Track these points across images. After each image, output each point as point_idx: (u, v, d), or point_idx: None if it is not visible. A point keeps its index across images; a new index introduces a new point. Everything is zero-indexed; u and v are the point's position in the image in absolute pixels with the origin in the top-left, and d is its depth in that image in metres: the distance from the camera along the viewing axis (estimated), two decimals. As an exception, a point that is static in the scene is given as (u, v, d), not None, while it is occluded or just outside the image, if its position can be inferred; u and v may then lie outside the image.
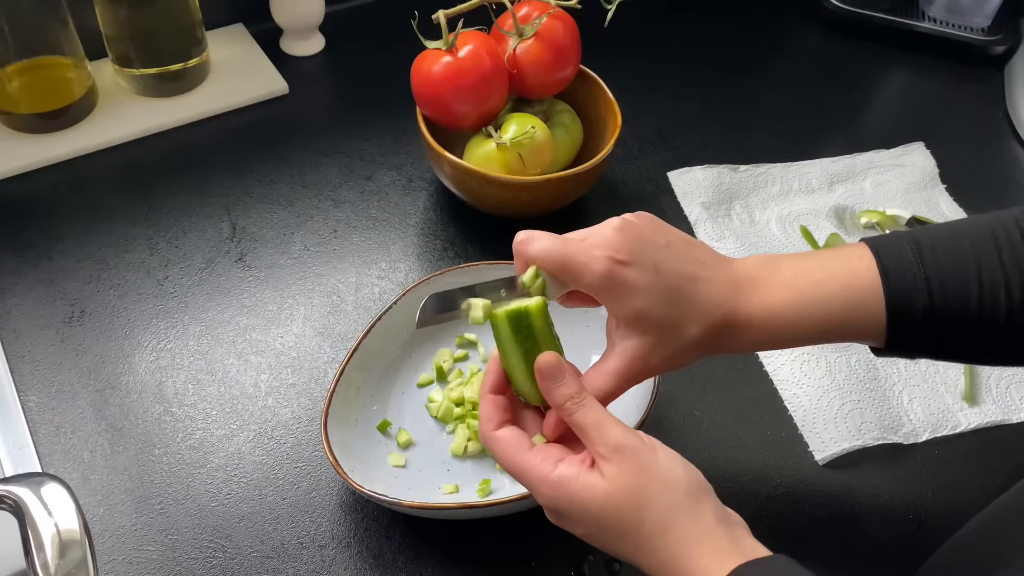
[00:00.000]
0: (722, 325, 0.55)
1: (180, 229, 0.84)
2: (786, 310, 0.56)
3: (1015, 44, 1.10)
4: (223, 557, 0.64)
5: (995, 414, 0.76)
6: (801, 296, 0.56)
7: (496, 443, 0.53)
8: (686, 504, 0.48)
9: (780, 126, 1.01)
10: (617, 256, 0.53)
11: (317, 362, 0.76)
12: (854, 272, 0.55)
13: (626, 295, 0.53)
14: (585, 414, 0.51)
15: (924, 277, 0.54)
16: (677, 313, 0.54)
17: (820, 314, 0.56)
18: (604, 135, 0.86)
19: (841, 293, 0.55)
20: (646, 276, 0.53)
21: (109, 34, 0.90)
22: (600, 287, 0.53)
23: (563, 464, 0.50)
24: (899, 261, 0.55)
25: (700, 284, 0.55)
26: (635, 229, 0.55)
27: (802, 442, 0.73)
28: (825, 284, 0.56)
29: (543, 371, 0.52)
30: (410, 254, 0.84)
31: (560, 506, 0.50)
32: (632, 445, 0.49)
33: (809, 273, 0.56)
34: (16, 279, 0.79)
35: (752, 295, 0.56)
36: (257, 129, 0.94)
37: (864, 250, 0.56)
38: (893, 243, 0.56)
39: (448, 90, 0.80)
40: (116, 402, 0.72)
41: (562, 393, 0.52)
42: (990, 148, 1.02)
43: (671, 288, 0.54)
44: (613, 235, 0.54)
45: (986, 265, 0.54)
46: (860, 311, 0.55)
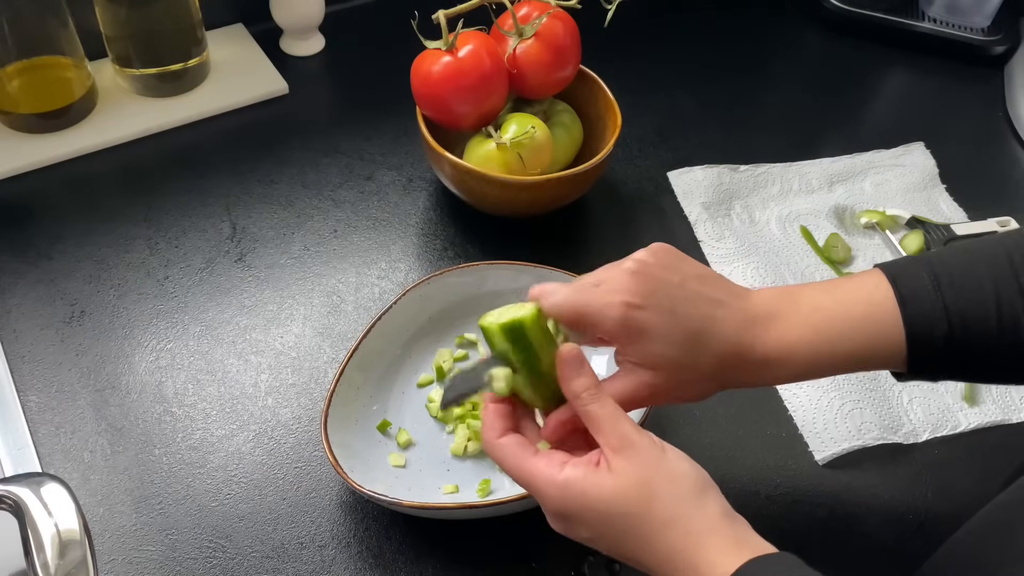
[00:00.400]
0: (737, 361, 0.56)
1: (180, 229, 0.84)
2: (803, 347, 0.56)
3: (1015, 44, 1.10)
4: (223, 557, 0.64)
5: (995, 414, 0.76)
6: (818, 333, 0.56)
7: (500, 450, 0.53)
8: (693, 498, 0.49)
9: (780, 126, 1.01)
10: (632, 301, 0.53)
11: (317, 362, 0.76)
12: (872, 303, 0.56)
13: (642, 339, 0.54)
14: (602, 405, 0.51)
15: (943, 306, 0.54)
16: (691, 353, 0.55)
17: (839, 350, 0.56)
18: (604, 135, 0.86)
19: (860, 327, 0.56)
20: (662, 319, 0.54)
21: (109, 34, 0.90)
22: (617, 333, 0.54)
23: (569, 466, 0.50)
24: (917, 290, 0.55)
25: (715, 324, 0.55)
26: (648, 271, 0.55)
27: (802, 442, 0.73)
28: (843, 318, 0.56)
29: (565, 359, 0.52)
30: (410, 254, 0.84)
31: (567, 507, 0.50)
32: (644, 442, 0.50)
33: (826, 308, 0.57)
34: (16, 279, 0.79)
35: (768, 331, 0.56)
36: (257, 129, 0.94)
37: (880, 279, 0.56)
38: (910, 271, 0.56)
39: (448, 90, 0.80)
40: (116, 402, 0.72)
41: (581, 383, 0.51)
42: (990, 148, 1.02)
43: (686, 330, 0.54)
44: (627, 279, 0.54)
45: (1004, 289, 0.54)
46: (879, 344, 0.55)
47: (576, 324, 0.55)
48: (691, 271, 0.57)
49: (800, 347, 0.56)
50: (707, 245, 0.86)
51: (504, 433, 0.53)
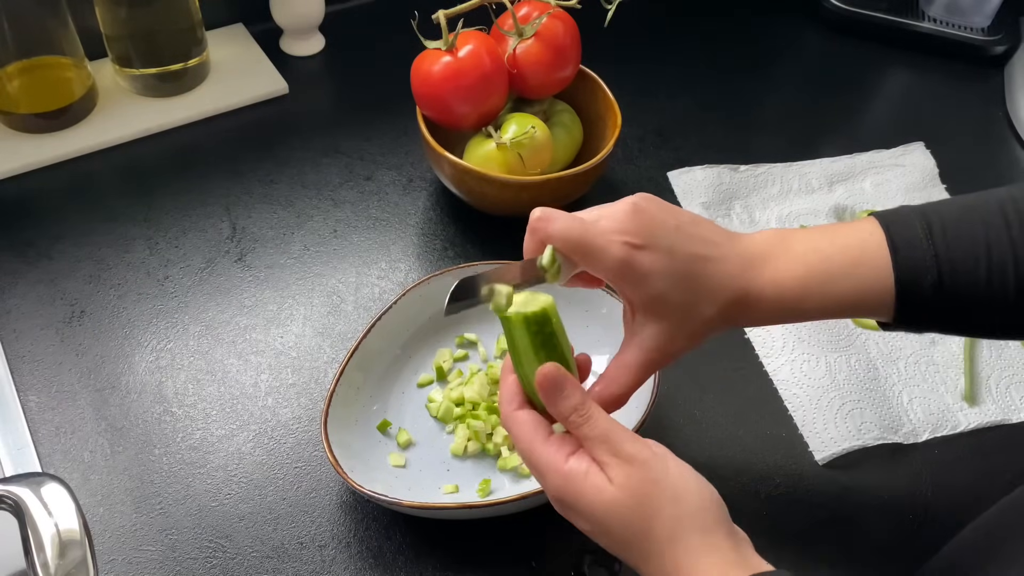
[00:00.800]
0: (735, 302, 0.56)
1: (180, 229, 0.84)
2: (796, 285, 0.56)
3: (1015, 44, 1.10)
4: (223, 557, 0.64)
5: (995, 414, 0.76)
6: (811, 271, 0.56)
7: (515, 424, 0.52)
8: (696, 516, 0.48)
9: (780, 126, 1.01)
10: (633, 241, 0.53)
11: (317, 362, 0.76)
12: (865, 248, 0.56)
13: (642, 280, 0.53)
14: (592, 426, 0.50)
15: (934, 254, 0.54)
16: (692, 295, 0.54)
17: (830, 289, 0.56)
18: (604, 135, 0.86)
19: (851, 269, 0.56)
20: (661, 260, 0.53)
21: (109, 34, 0.90)
22: (617, 272, 0.53)
23: (574, 458, 0.50)
24: (909, 238, 0.55)
25: (713, 264, 0.55)
26: (647, 212, 0.55)
27: (802, 442, 0.73)
28: (835, 259, 0.56)
29: (543, 385, 0.51)
30: (410, 254, 0.84)
31: (566, 499, 0.50)
32: (642, 457, 0.49)
33: (819, 249, 0.57)
34: (16, 279, 0.79)
35: (763, 271, 0.56)
36: (257, 129, 0.94)
37: (875, 226, 0.57)
38: (903, 219, 0.56)
39: (448, 90, 0.80)
40: (116, 402, 0.72)
41: (566, 405, 0.51)
42: (990, 148, 1.02)
43: (685, 271, 0.54)
44: (627, 218, 0.54)
45: (995, 241, 0.54)
46: (870, 287, 0.55)
47: (576, 256, 0.54)
48: (685, 216, 0.57)
49: (793, 286, 0.56)
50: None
51: (522, 406, 0.53)
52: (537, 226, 0.54)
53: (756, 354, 0.79)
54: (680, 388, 0.75)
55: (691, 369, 0.77)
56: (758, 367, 0.78)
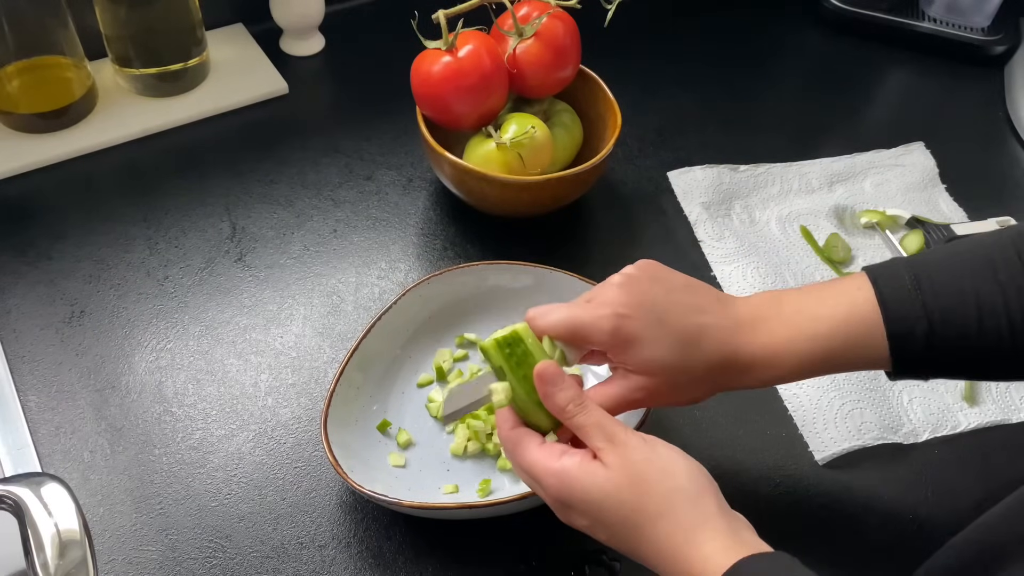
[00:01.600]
0: (726, 365, 0.57)
1: (180, 229, 0.84)
2: (788, 349, 0.57)
3: (1015, 44, 1.10)
4: (223, 557, 0.64)
5: (995, 414, 0.76)
6: (801, 333, 0.57)
7: (507, 441, 0.55)
8: (687, 490, 0.50)
9: (780, 126, 1.01)
10: (621, 311, 0.56)
11: (317, 362, 0.76)
12: (854, 304, 0.57)
13: (633, 346, 0.56)
14: (587, 415, 0.53)
15: (922, 303, 0.55)
16: (682, 358, 0.56)
17: (822, 348, 0.57)
18: (604, 135, 0.86)
19: (842, 327, 0.57)
20: (650, 327, 0.56)
21: (109, 34, 0.90)
22: (609, 343, 0.56)
23: (566, 456, 0.52)
24: (897, 291, 0.56)
25: (703, 330, 0.57)
26: (636, 283, 0.57)
27: (802, 442, 0.73)
28: (825, 319, 0.57)
29: (543, 377, 0.54)
30: (410, 254, 0.84)
31: (563, 496, 0.52)
32: (633, 441, 0.51)
33: (809, 310, 0.58)
34: (16, 279, 0.79)
35: (754, 336, 0.57)
36: (257, 129, 0.94)
37: (863, 280, 0.58)
38: (891, 272, 0.57)
39: (448, 90, 0.80)
40: (116, 402, 0.72)
41: (563, 396, 0.53)
42: (990, 148, 1.02)
43: (675, 337, 0.56)
44: (615, 292, 0.57)
45: (984, 289, 0.55)
46: (862, 341, 0.56)
47: (572, 339, 0.56)
48: (677, 281, 0.59)
49: (786, 348, 0.57)
50: (707, 245, 0.86)
51: (515, 426, 0.55)
52: (532, 325, 0.57)
53: (756, 354, 0.79)
54: (680, 388, 0.75)
55: (691, 369, 0.77)
56: (758, 367, 0.78)
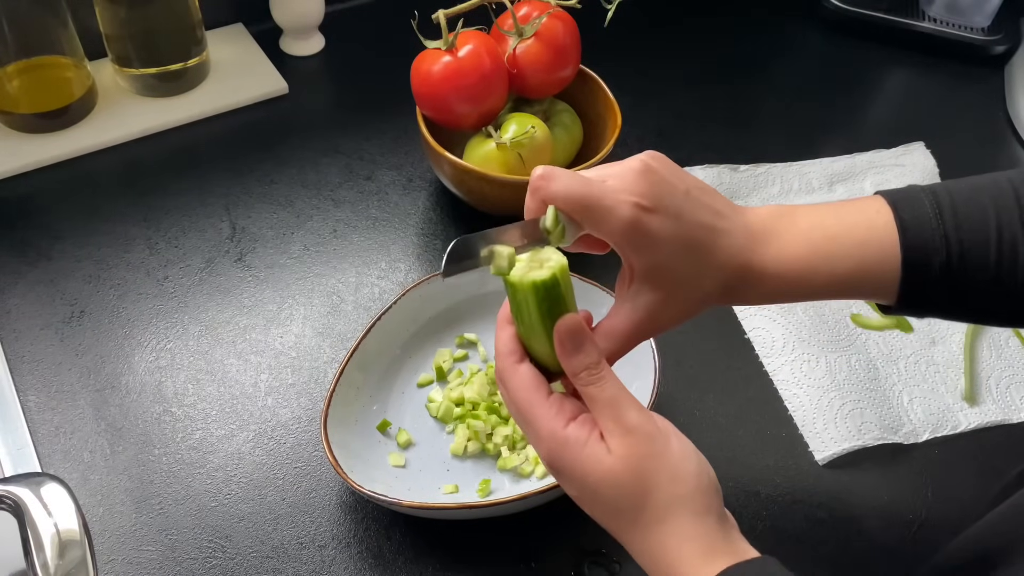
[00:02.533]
0: (736, 277, 0.54)
1: (180, 229, 0.84)
2: (800, 263, 0.54)
3: (1015, 44, 1.10)
4: (223, 557, 0.64)
5: (995, 414, 0.76)
6: (816, 249, 0.54)
7: (514, 379, 0.50)
8: (692, 499, 0.47)
9: (780, 126, 1.01)
10: (642, 202, 0.50)
11: (317, 362, 0.76)
12: (872, 227, 0.54)
13: (649, 245, 0.51)
14: (601, 388, 0.48)
15: (943, 234, 0.53)
16: (696, 266, 0.52)
17: (835, 268, 0.54)
18: (604, 135, 0.86)
19: (857, 249, 0.54)
20: (669, 225, 0.51)
21: (109, 34, 0.90)
22: (623, 234, 0.50)
23: (574, 424, 0.48)
24: (918, 217, 0.54)
25: (718, 236, 0.53)
26: (657, 173, 0.52)
27: (802, 442, 0.73)
28: (841, 238, 0.54)
29: (563, 334, 0.49)
30: (410, 254, 0.84)
31: (561, 465, 0.49)
32: (645, 430, 0.48)
33: (825, 227, 0.55)
34: (16, 279, 0.79)
35: (767, 247, 0.54)
36: (257, 129, 0.94)
37: (882, 204, 0.55)
38: (912, 197, 0.55)
39: (448, 90, 0.80)
40: (116, 402, 0.72)
41: (580, 362, 0.49)
42: (990, 148, 1.02)
43: (692, 239, 0.52)
44: (636, 179, 0.51)
45: (1006, 223, 0.53)
46: (876, 267, 0.54)
47: (582, 216, 0.51)
48: (692, 181, 0.54)
49: (797, 264, 0.54)
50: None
51: (522, 360, 0.51)
52: (539, 184, 0.51)
53: (756, 354, 0.79)
54: (680, 388, 0.75)
55: (691, 369, 0.77)
56: (758, 367, 0.78)
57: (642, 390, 0.67)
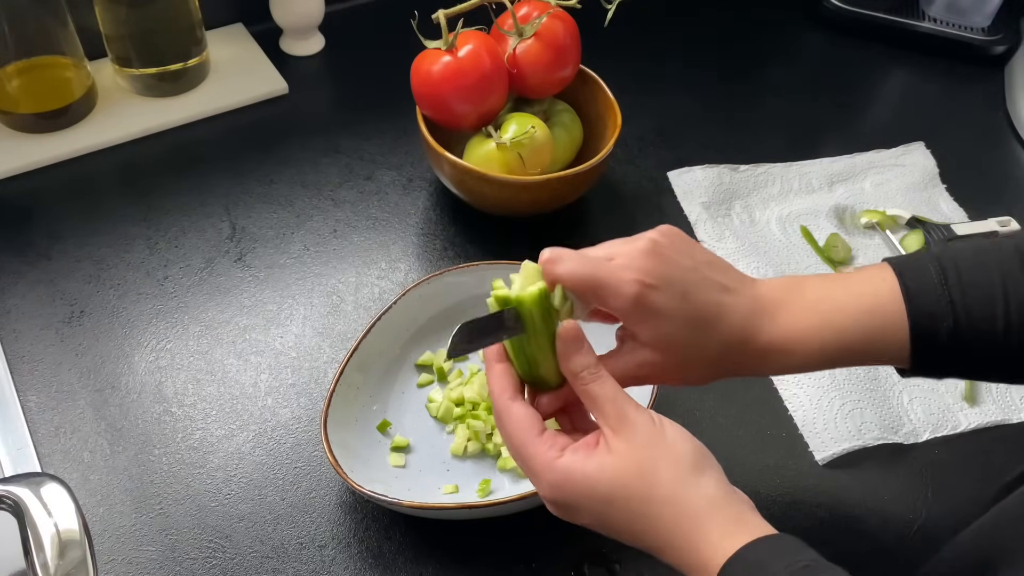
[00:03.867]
0: (741, 349, 0.55)
1: (180, 229, 0.84)
2: (809, 336, 0.56)
3: (1015, 44, 1.10)
4: (223, 557, 0.64)
5: (995, 414, 0.76)
6: (824, 321, 0.56)
7: (510, 418, 0.52)
8: (692, 478, 0.49)
9: (780, 126, 1.01)
10: (647, 280, 0.53)
11: (317, 362, 0.76)
12: (878, 296, 0.55)
13: (653, 319, 0.53)
14: (601, 385, 0.51)
15: (949, 300, 0.54)
16: (698, 338, 0.54)
17: (843, 338, 0.55)
18: (604, 135, 0.86)
19: (865, 318, 0.55)
20: (674, 302, 0.53)
21: (109, 34, 0.90)
22: (628, 311, 0.53)
23: (568, 451, 0.50)
24: (923, 284, 0.55)
25: (724, 309, 0.55)
26: (664, 252, 0.54)
27: (802, 442, 0.73)
28: (849, 309, 0.56)
29: (566, 337, 0.51)
30: (410, 254, 0.84)
31: (566, 493, 0.50)
32: (641, 419, 0.50)
33: (833, 298, 0.56)
34: (16, 279, 0.79)
35: (775, 319, 0.56)
36: (257, 129, 0.94)
37: (888, 272, 0.56)
38: (917, 265, 0.56)
39: (448, 90, 0.79)
40: (116, 402, 0.72)
41: (580, 361, 0.51)
42: (990, 148, 1.02)
43: (697, 315, 0.54)
44: (642, 258, 0.53)
45: (1012, 285, 0.53)
46: (884, 335, 0.55)
47: (589, 295, 0.53)
48: (702, 257, 0.56)
49: (806, 336, 0.55)
50: (707, 245, 0.86)
51: (516, 396, 0.52)
52: (546, 267, 0.53)
53: (756, 354, 0.79)
54: (680, 388, 0.75)
55: (691, 369, 0.77)
56: (758, 367, 0.78)
57: (642, 390, 0.67)
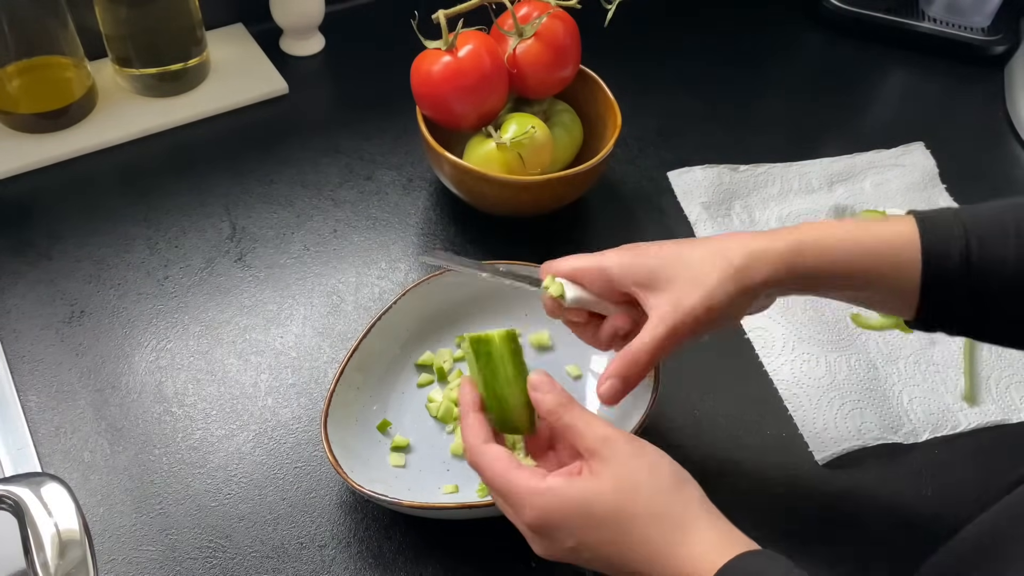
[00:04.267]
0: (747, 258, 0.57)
1: (180, 229, 0.84)
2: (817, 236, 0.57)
3: (1015, 44, 1.10)
4: (223, 557, 0.64)
5: (995, 414, 0.76)
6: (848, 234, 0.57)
7: (484, 456, 0.54)
8: (672, 490, 0.50)
9: (780, 126, 1.01)
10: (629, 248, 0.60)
11: (317, 362, 0.76)
12: (891, 221, 0.58)
13: (643, 255, 0.58)
14: (572, 415, 0.53)
15: (962, 224, 0.56)
16: (701, 255, 0.57)
17: (860, 239, 0.57)
18: (604, 135, 0.86)
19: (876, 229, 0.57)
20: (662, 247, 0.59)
21: (109, 34, 0.90)
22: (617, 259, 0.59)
23: (551, 476, 0.52)
24: (937, 216, 0.57)
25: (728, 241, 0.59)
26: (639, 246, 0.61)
27: (802, 442, 0.73)
28: (871, 233, 0.58)
29: (536, 384, 0.55)
30: (410, 254, 0.84)
31: (549, 516, 0.51)
32: (618, 437, 0.52)
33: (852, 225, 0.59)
34: (16, 279, 0.79)
35: (791, 232, 0.58)
36: (257, 129, 0.94)
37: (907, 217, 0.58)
38: (933, 211, 0.59)
39: (448, 90, 0.80)
40: (116, 402, 0.72)
41: (551, 400, 0.54)
42: (990, 148, 1.02)
43: (691, 243, 0.59)
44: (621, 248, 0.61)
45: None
46: (894, 250, 0.56)
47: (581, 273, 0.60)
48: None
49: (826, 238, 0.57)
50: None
51: (489, 440, 0.55)
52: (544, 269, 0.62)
53: (756, 354, 0.79)
54: (680, 388, 0.75)
55: (691, 369, 0.77)
56: (758, 367, 0.78)
57: (642, 390, 0.67)
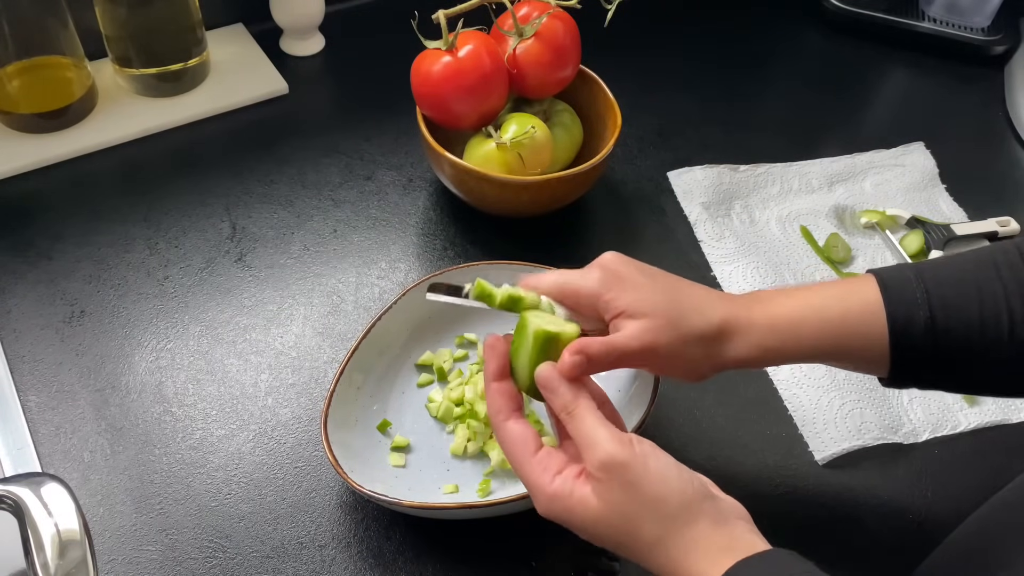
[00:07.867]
0: (723, 326, 0.57)
1: (180, 229, 0.84)
2: (788, 314, 0.58)
3: (1015, 44, 1.10)
4: (223, 557, 0.64)
5: (995, 414, 0.76)
6: (808, 306, 0.58)
7: (505, 437, 0.54)
8: (679, 515, 0.49)
9: (780, 126, 1.01)
10: (609, 267, 0.58)
11: (317, 362, 0.76)
12: (860, 294, 0.58)
13: (626, 286, 0.57)
14: (576, 426, 0.52)
15: (924, 290, 0.56)
16: (677, 304, 0.57)
17: (821, 321, 0.57)
18: (604, 135, 0.86)
19: (842, 301, 0.57)
20: (641, 278, 0.58)
21: (109, 34, 0.90)
22: (599, 285, 0.57)
23: (559, 478, 0.51)
24: (899, 279, 0.57)
25: (697, 290, 0.59)
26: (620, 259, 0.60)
27: (802, 442, 0.73)
28: (832, 300, 0.58)
29: (541, 383, 0.54)
30: (410, 254, 0.84)
31: (555, 515, 0.52)
32: (620, 459, 0.49)
33: (815, 292, 0.59)
34: (16, 279, 0.79)
35: (753, 305, 0.59)
36: (257, 129, 0.94)
37: (868, 277, 0.59)
38: (895, 269, 0.59)
39: (448, 90, 0.80)
40: (116, 402, 0.72)
41: (557, 403, 0.54)
42: (990, 148, 1.02)
43: (668, 287, 0.58)
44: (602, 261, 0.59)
45: (986, 281, 0.55)
46: (861, 323, 0.57)
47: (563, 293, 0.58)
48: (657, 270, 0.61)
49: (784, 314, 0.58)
50: (707, 245, 0.86)
51: (511, 416, 0.55)
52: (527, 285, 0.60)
53: (756, 354, 0.79)
54: (680, 388, 0.75)
55: (691, 369, 0.77)
56: (758, 367, 0.78)
57: (642, 390, 0.67)
